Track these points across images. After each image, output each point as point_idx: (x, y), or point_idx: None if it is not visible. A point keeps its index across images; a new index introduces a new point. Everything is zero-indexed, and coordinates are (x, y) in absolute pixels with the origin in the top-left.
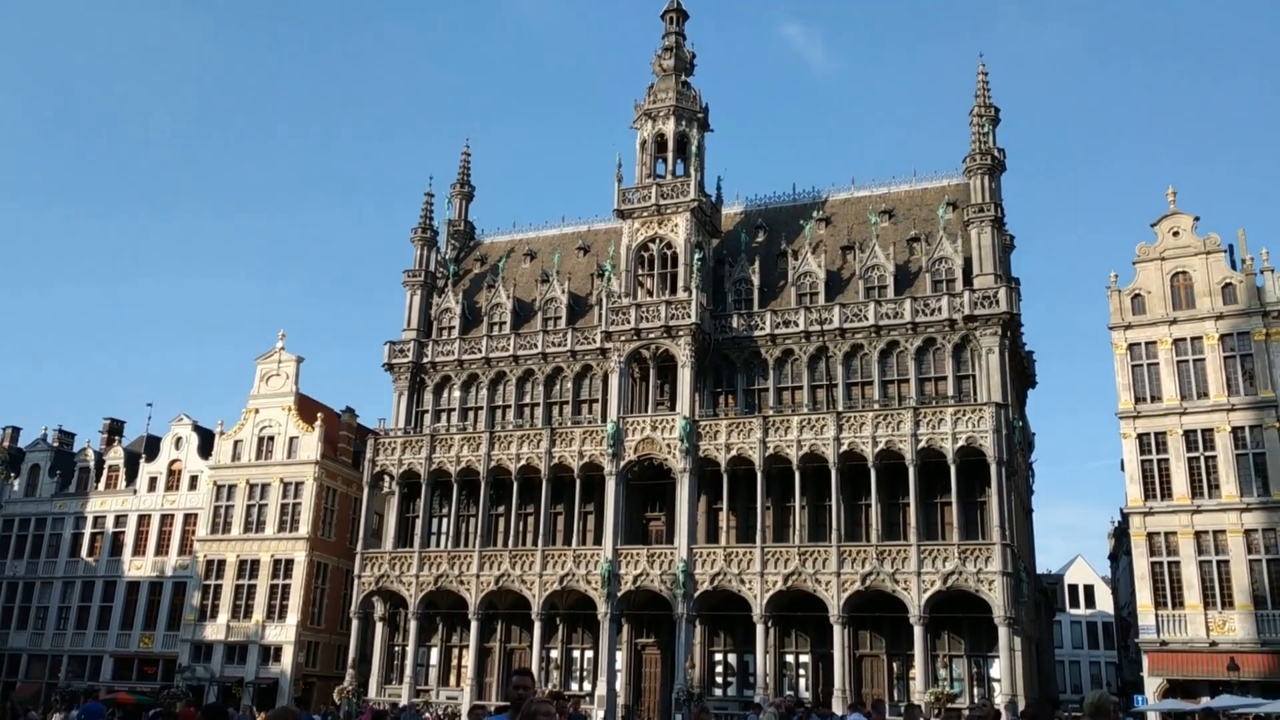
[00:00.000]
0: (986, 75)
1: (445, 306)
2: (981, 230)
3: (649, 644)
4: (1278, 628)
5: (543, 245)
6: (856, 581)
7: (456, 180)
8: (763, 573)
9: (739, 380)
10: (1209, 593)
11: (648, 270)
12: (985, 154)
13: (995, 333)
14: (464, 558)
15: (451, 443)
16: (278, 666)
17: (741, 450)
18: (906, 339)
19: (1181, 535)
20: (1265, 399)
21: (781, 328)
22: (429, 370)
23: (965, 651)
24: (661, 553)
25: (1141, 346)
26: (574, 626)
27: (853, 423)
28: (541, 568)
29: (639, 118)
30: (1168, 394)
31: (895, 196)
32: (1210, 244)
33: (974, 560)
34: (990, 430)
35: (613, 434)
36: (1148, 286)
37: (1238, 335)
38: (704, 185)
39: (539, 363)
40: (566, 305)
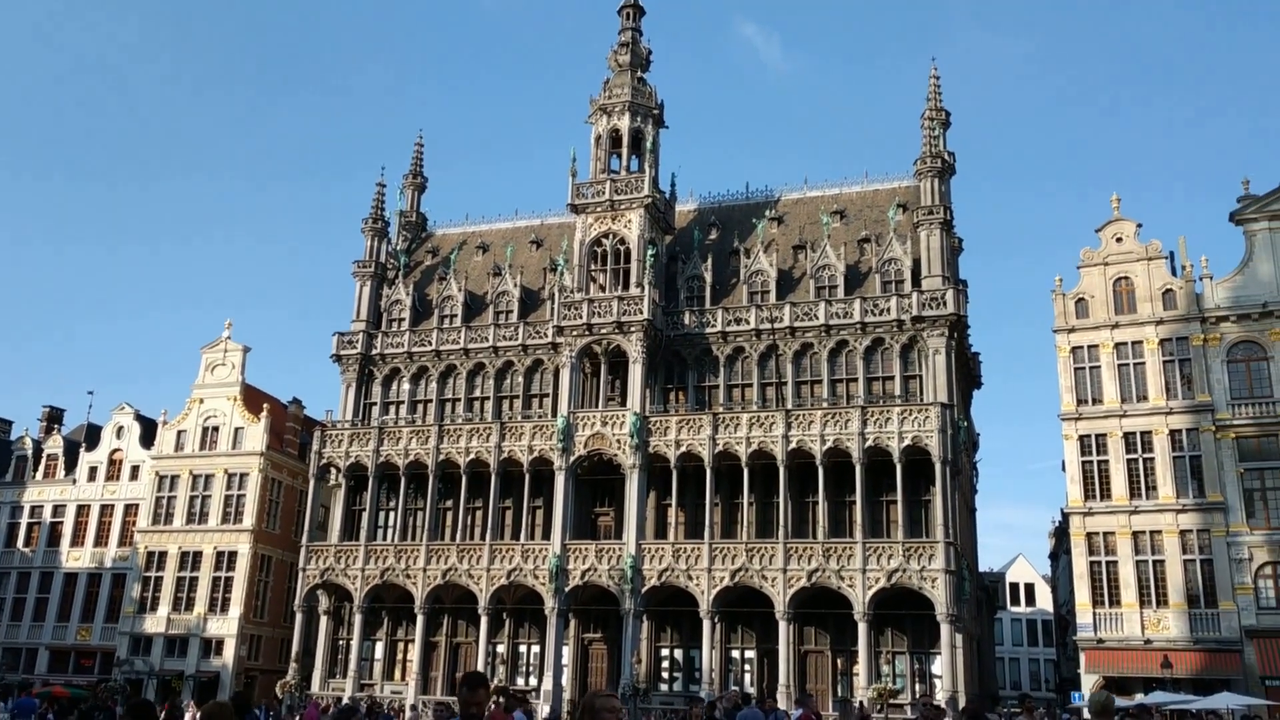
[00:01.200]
0: (938, 80)
1: (396, 298)
2: (931, 232)
3: (596, 639)
4: (1209, 626)
5: (495, 238)
6: (803, 578)
7: (409, 171)
8: (710, 569)
9: (690, 377)
10: (1145, 592)
11: (601, 265)
12: (936, 157)
13: (942, 334)
14: (411, 551)
15: (400, 435)
16: (219, 660)
17: (691, 447)
18: (855, 339)
19: (1119, 535)
20: (1202, 403)
21: (733, 325)
22: (378, 362)
23: (908, 648)
24: (610, 548)
25: (1084, 350)
26: (521, 621)
27: (801, 421)
28: (489, 562)
29: (594, 113)
30: (1109, 397)
31: (847, 197)
32: (1152, 250)
33: (918, 558)
34: (936, 430)
35: (563, 429)
36: (1091, 291)
37: (1177, 340)
38: (658, 182)
39: (490, 356)
40: (518, 299)
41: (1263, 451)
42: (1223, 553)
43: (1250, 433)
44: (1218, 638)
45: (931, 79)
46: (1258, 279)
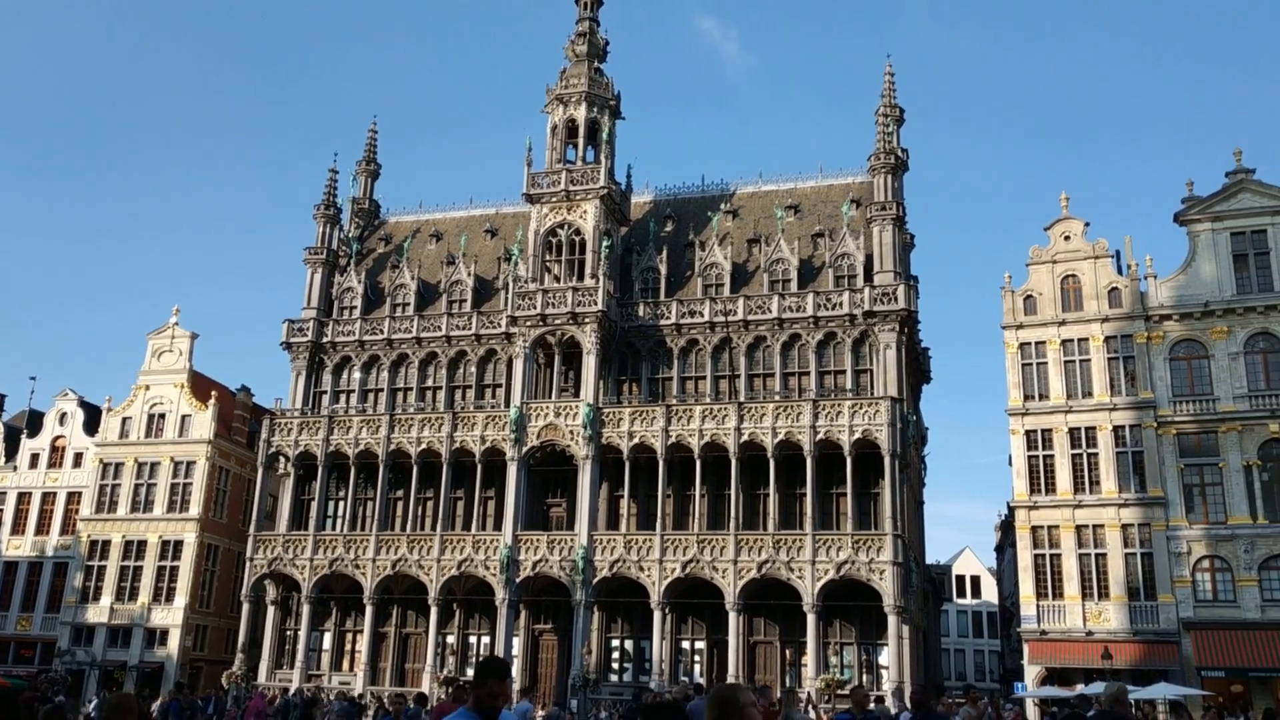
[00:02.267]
0: (893, 76)
1: (347, 286)
2: (883, 228)
3: (546, 630)
4: (1149, 618)
5: (449, 227)
6: (753, 569)
7: (362, 158)
8: (662, 560)
9: (643, 369)
10: (1087, 584)
11: (555, 256)
12: (889, 153)
13: (893, 329)
14: (360, 541)
15: (350, 424)
16: (164, 650)
17: (644, 438)
18: (808, 332)
19: (1063, 529)
20: (1145, 399)
21: (687, 318)
22: (329, 350)
23: (856, 639)
24: (562, 539)
25: (1032, 346)
26: (471, 612)
27: (754, 413)
28: (440, 552)
29: (550, 102)
30: (1055, 392)
31: (801, 192)
32: (1099, 249)
33: (866, 550)
34: (885, 424)
35: (516, 419)
36: (1039, 288)
37: (1121, 338)
38: (614, 173)
39: (442, 346)
40: (472, 288)
41: (1202, 448)
42: (1162, 546)
43: (1190, 429)
44: (1156, 629)
45: (886, 76)
46: (1200, 279)
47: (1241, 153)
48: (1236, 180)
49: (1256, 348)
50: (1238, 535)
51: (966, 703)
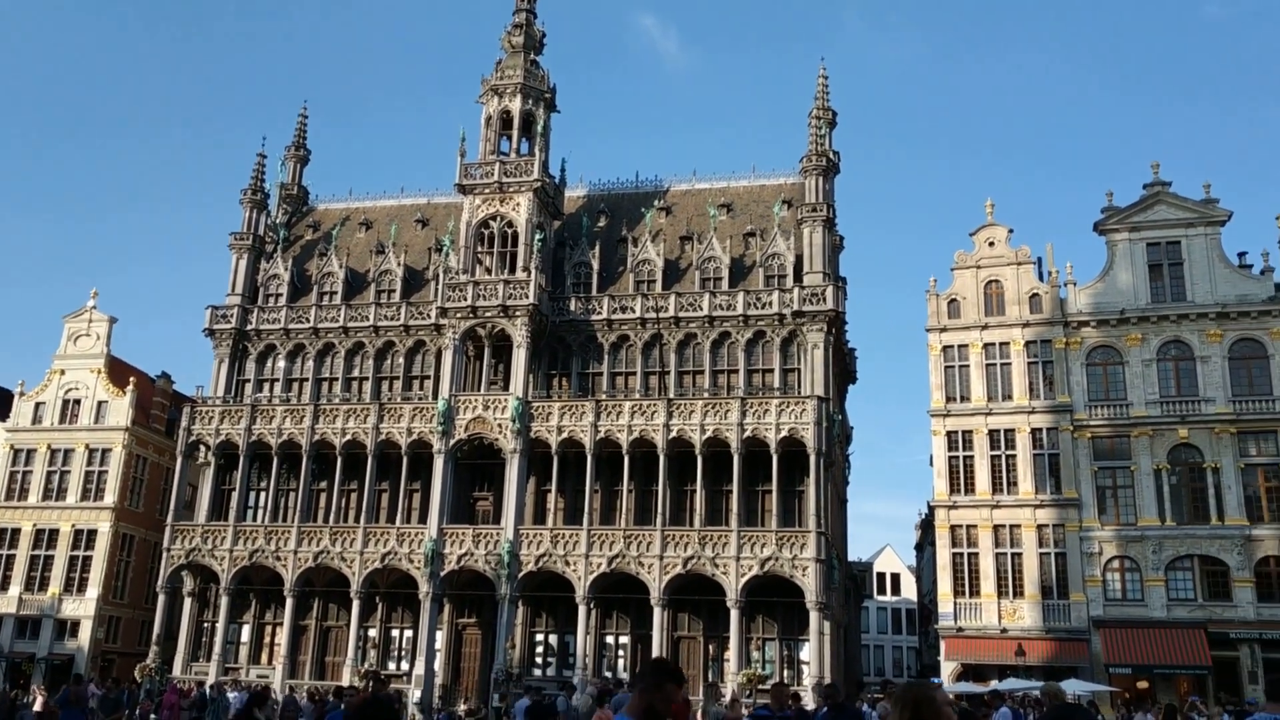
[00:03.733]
0: (826, 79)
1: (273, 273)
2: (814, 229)
3: (470, 624)
4: (1061, 616)
5: (380, 215)
6: (678, 565)
7: (292, 143)
8: (588, 555)
9: (574, 363)
10: (1003, 583)
11: (487, 248)
12: (821, 155)
13: (821, 329)
14: (282, 533)
15: (274, 414)
16: (74, 642)
17: (573, 433)
18: (738, 330)
19: (981, 528)
20: (1062, 404)
21: (618, 313)
22: (253, 338)
23: (778, 634)
24: (488, 533)
25: (955, 349)
26: (394, 605)
27: (683, 410)
28: (363, 545)
29: (485, 93)
30: (976, 395)
31: (734, 191)
32: (1022, 256)
33: (790, 547)
34: (812, 422)
35: (443, 412)
36: (963, 292)
37: (1041, 343)
38: (548, 166)
39: (370, 336)
40: (402, 278)
41: (1115, 451)
42: (1075, 547)
43: (1105, 433)
44: (1068, 627)
45: (820, 78)
46: (1117, 287)
47: (1159, 166)
48: (1153, 192)
49: (1168, 355)
50: (1147, 536)
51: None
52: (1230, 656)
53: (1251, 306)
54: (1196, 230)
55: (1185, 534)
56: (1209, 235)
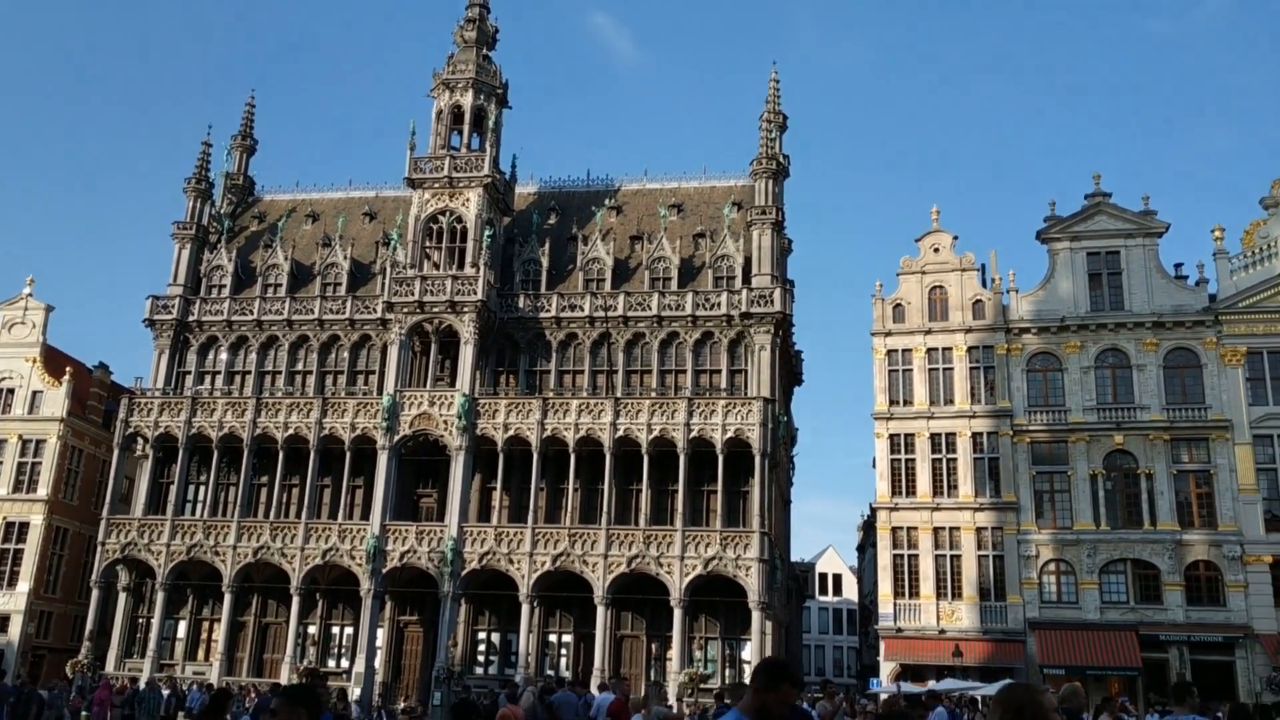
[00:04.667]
0: (778, 83)
1: (217, 263)
2: (763, 232)
3: (412, 621)
4: (997, 618)
5: (327, 208)
6: (623, 564)
7: (238, 132)
8: (532, 553)
9: (521, 361)
10: (942, 584)
11: (436, 243)
12: (771, 159)
13: (768, 331)
14: (221, 528)
15: (214, 407)
16: (3, 638)
17: (519, 430)
18: (686, 331)
19: (922, 530)
20: (1003, 408)
21: (567, 311)
22: (195, 329)
23: (720, 634)
24: (431, 530)
25: (899, 353)
26: (335, 602)
27: (630, 409)
28: (304, 541)
29: (437, 87)
30: (919, 399)
31: (685, 191)
32: (966, 262)
33: (734, 547)
34: (757, 424)
35: (388, 407)
36: (908, 297)
37: (983, 348)
38: (499, 162)
39: (315, 329)
40: (348, 272)
41: (1053, 456)
42: (1013, 549)
43: (1043, 438)
44: (1004, 629)
45: (771, 82)
46: (1058, 295)
47: (1100, 176)
48: (1094, 203)
49: (1106, 363)
50: (1082, 540)
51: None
52: (1160, 658)
53: (1186, 317)
54: (1135, 241)
55: (1119, 538)
56: (1147, 246)
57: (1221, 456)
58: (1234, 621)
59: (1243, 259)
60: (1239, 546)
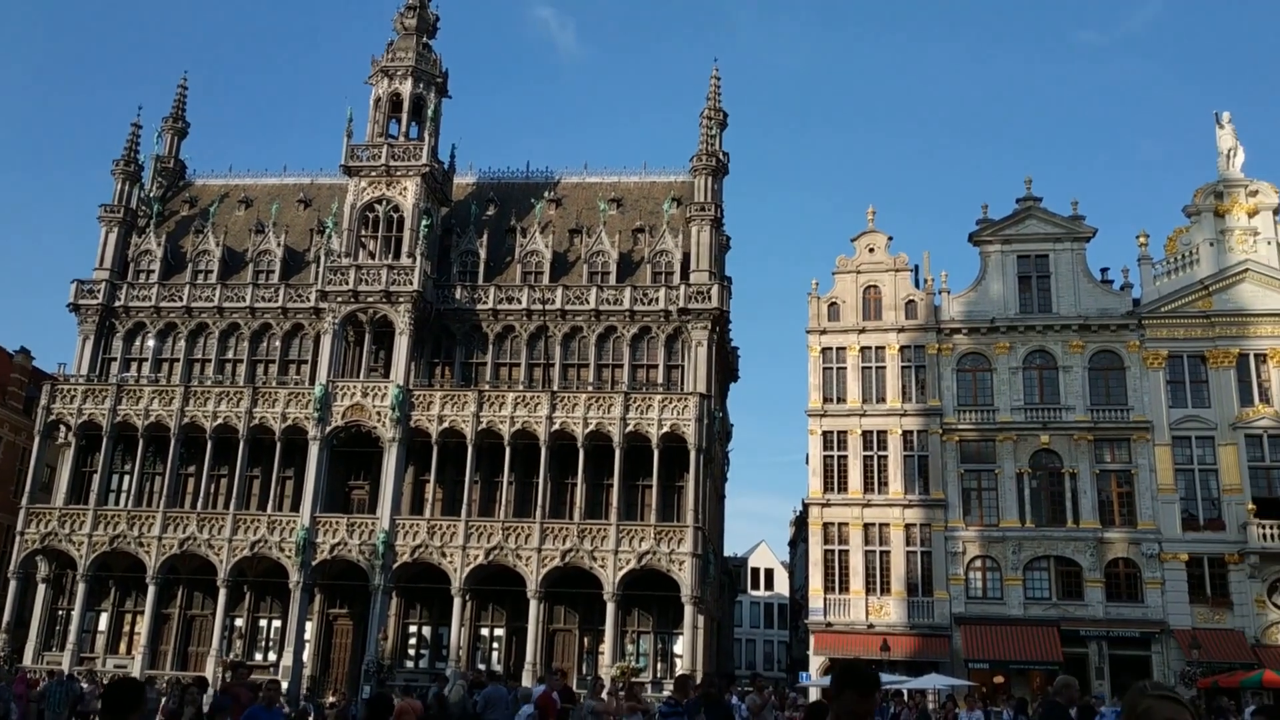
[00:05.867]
0: (719, 80)
1: (145, 248)
2: (701, 228)
3: (342, 614)
4: (925, 613)
5: (261, 194)
6: (557, 558)
7: (169, 114)
8: (465, 546)
9: (457, 352)
10: (871, 580)
11: (371, 232)
12: (711, 155)
13: (705, 327)
14: (146, 518)
15: (141, 394)
16: None
17: (454, 423)
18: (624, 325)
19: (853, 526)
20: (933, 407)
21: (504, 304)
22: (121, 315)
23: (653, 628)
24: (363, 522)
25: (833, 351)
26: (263, 595)
27: (566, 403)
28: (232, 532)
29: (375, 74)
30: (852, 396)
31: (625, 186)
32: (899, 263)
33: (668, 541)
34: (693, 419)
35: (320, 397)
36: (844, 296)
37: (915, 348)
38: (437, 151)
39: (246, 317)
40: (281, 259)
41: (980, 455)
42: (940, 546)
43: (971, 437)
44: (931, 623)
45: (713, 80)
46: (989, 296)
47: (1031, 181)
48: (1025, 207)
49: (1034, 364)
50: (1007, 537)
51: (754, 690)
52: (1080, 653)
53: (1111, 320)
54: (1064, 245)
55: (1043, 535)
56: (1075, 250)
57: (1142, 457)
58: (1151, 617)
59: (1166, 265)
60: (1157, 545)
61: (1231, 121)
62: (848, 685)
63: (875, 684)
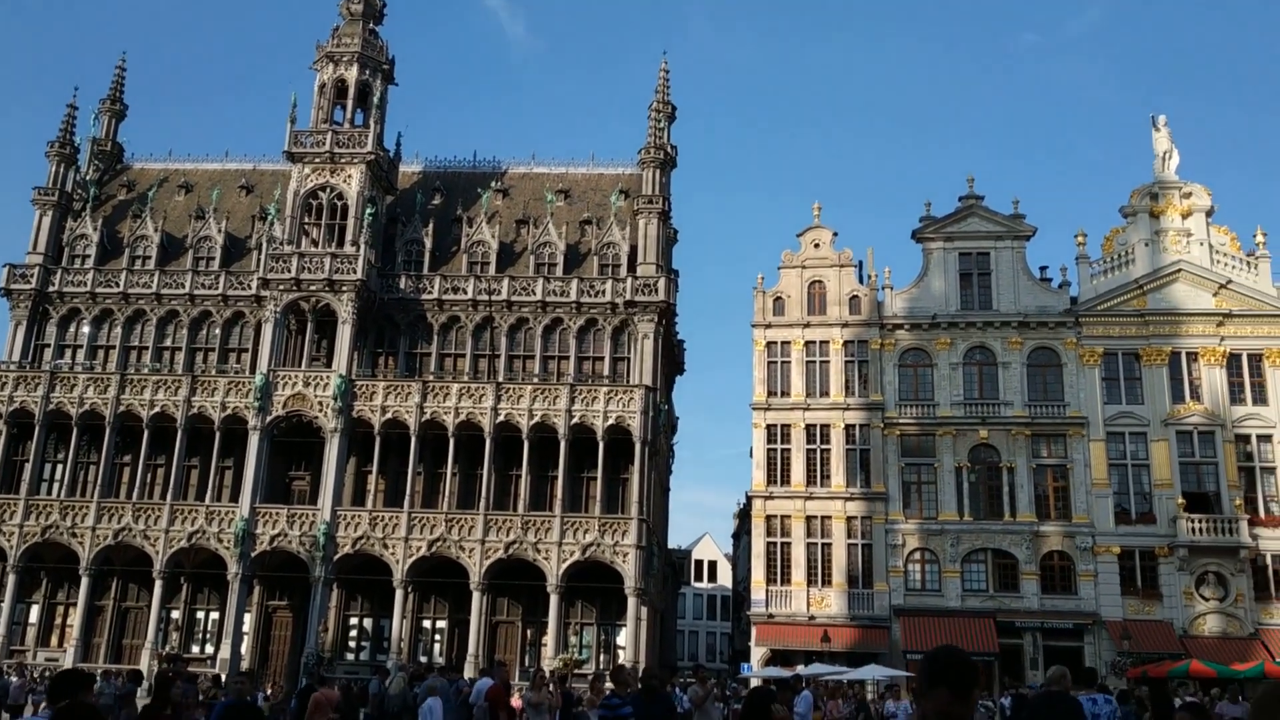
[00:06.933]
0: (668, 74)
1: (81, 233)
2: (649, 221)
3: (281, 606)
4: (864, 604)
5: (201, 179)
6: (500, 550)
7: (107, 96)
8: (408, 538)
9: (401, 342)
10: (813, 572)
11: (315, 219)
12: (659, 148)
13: (652, 320)
14: (79, 508)
15: (75, 382)
16: None
17: (398, 413)
18: (570, 317)
19: (795, 519)
20: (874, 401)
21: (450, 294)
22: (55, 301)
23: (596, 620)
24: (303, 513)
25: (778, 345)
26: (200, 586)
27: (511, 394)
28: (169, 523)
29: (320, 59)
30: (796, 390)
31: (573, 178)
32: (844, 259)
33: (612, 533)
34: (639, 411)
35: (261, 387)
36: (789, 291)
37: (858, 343)
38: (383, 139)
39: (185, 304)
40: (222, 246)
41: (921, 449)
42: (881, 538)
43: (912, 431)
44: (871, 615)
45: (661, 72)
46: (931, 293)
47: (974, 180)
48: (967, 205)
49: (974, 360)
50: (946, 530)
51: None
52: (1015, 644)
53: (1049, 318)
54: (1005, 243)
55: (981, 529)
56: (1015, 249)
57: (1077, 452)
58: (1084, 609)
59: (1103, 264)
60: (1091, 538)
61: (1168, 125)
62: (941, 681)
63: (974, 680)
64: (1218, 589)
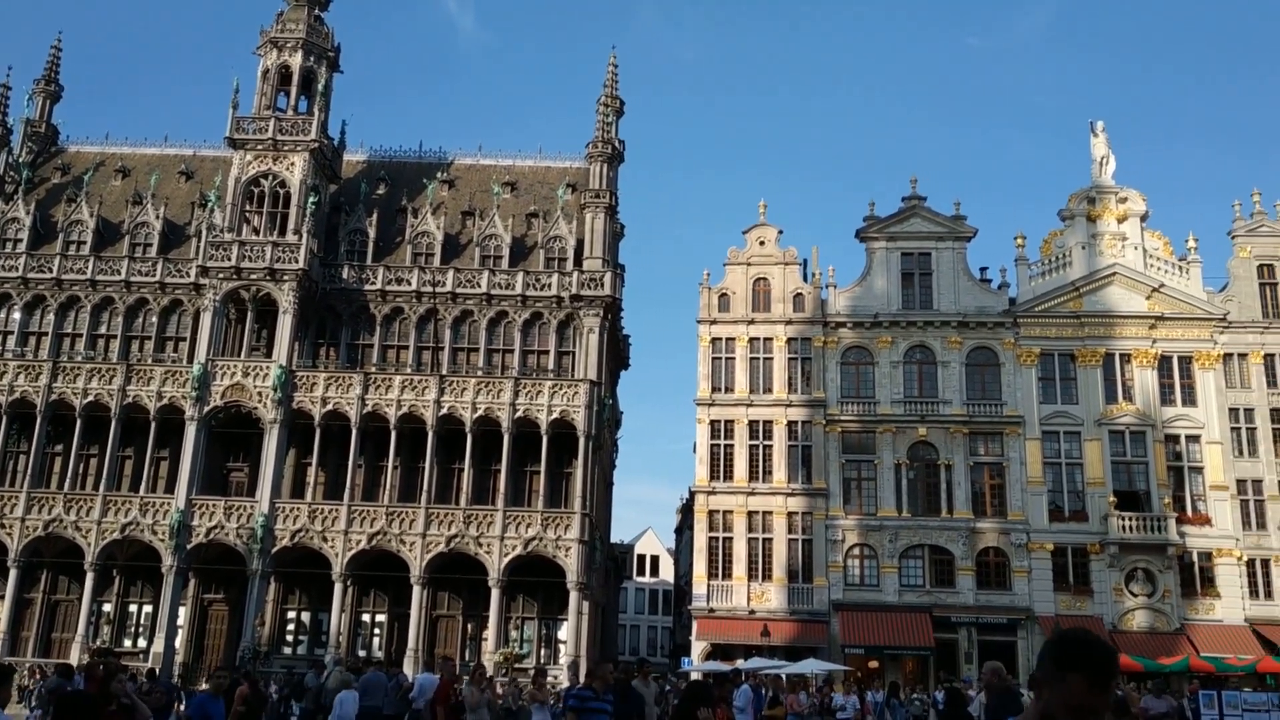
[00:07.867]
0: (616, 68)
1: (13, 216)
2: (596, 215)
3: (217, 600)
4: (804, 599)
5: (139, 163)
6: (441, 544)
7: (41, 76)
8: (348, 531)
9: (343, 333)
10: (754, 566)
11: (256, 207)
12: (607, 143)
13: (598, 314)
14: (8, 499)
15: (5, 369)
16: None
17: (339, 405)
18: (515, 310)
19: (737, 514)
20: (817, 398)
21: (393, 285)
22: None
23: (537, 614)
24: (241, 505)
25: (723, 341)
26: (134, 579)
27: (455, 387)
28: (101, 514)
29: (264, 45)
30: (739, 386)
31: (519, 170)
32: (789, 256)
33: (555, 527)
34: (583, 406)
35: (199, 376)
36: (734, 287)
37: (802, 340)
38: (327, 127)
39: (121, 291)
40: (160, 232)
41: (861, 446)
42: (821, 534)
43: (853, 428)
44: (810, 609)
45: (610, 67)
46: (873, 292)
47: (917, 181)
48: (910, 205)
49: (914, 359)
50: (885, 526)
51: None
52: (951, 639)
53: (988, 318)
54: (946, 244)
55: (919, 525)
56: (956, 250)
57: (1014, 450)
58: (1018, 605)
59: (1041, 266)
60: (1025, 535)
61: (1105, 130)
62: (1074, 667)
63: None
64: (1146, 585)
